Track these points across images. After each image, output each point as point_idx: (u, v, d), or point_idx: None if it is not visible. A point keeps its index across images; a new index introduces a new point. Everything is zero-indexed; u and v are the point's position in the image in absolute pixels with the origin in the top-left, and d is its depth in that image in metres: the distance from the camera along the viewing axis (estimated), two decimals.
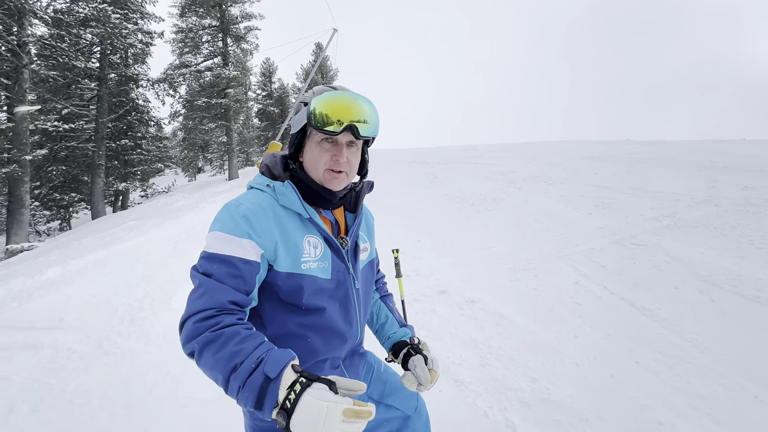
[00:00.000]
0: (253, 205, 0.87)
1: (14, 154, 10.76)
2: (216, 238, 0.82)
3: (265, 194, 0.92)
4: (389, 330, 1.21)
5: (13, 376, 2.53)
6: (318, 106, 0.87)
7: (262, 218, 0.85)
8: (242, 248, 0.80)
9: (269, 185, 0.93)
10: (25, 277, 4.44)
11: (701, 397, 2.08)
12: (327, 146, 0.91)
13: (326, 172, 0.92)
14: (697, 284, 3.25)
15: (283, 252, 0.86)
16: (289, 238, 0.88)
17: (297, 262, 0.87)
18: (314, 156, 0.92)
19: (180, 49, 16.55)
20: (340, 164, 0.91)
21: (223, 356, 0.67)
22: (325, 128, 0.86)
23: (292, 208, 0.90)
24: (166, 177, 24.72)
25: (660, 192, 5.83)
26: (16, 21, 11.00)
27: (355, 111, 0.88)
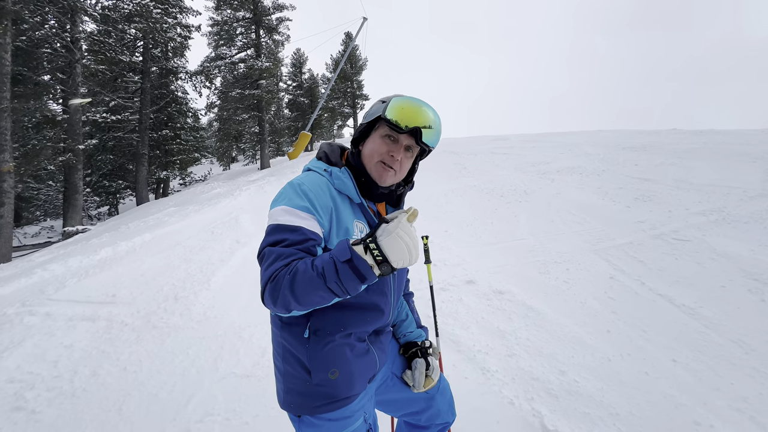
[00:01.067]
0: (313, 185, 0.93)
1: (69, 144, 11.64)
2: (283, 212, 0.87)
3: (323, 177, 0.98)
4: (407, 328, 1.31)
5: (75, 343, 2.81)
6: (397, 104, 0.97)
7: (322, 197, 0.92)
8: (307, 221, 0.86)
9: (326, 170, 1.00)
10: (82, 256, 4.86)
11: (744, 399, 1.98)
12: (388, 142, 0.99)
13: (378, 164, 0.99)
14: (745, 283, 3.05)
15: (335, 231, 0.92)
16: (341, 219, 0.94)
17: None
18: (374, 147, 1.00)
19: (215, 41, 17.08)
20: (394, 161, 0.98)
21: (310, 279, 0.73)
22: (396, 124, 0.95)
23: (346, 192, 0.98)
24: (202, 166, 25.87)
25: (708, 185, 5.45)
26: (69, 19, 11.78)
27: (425, 118, 0.97)
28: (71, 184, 11.86)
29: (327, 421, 0.96)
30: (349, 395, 0.97)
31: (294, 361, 0.96)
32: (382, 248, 0.71)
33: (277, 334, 1.00)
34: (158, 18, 14.49)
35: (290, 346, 0.96)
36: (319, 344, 0.94)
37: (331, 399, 0.95)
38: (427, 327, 1.36)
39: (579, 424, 1.87)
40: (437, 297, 3.29)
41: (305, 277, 0.74)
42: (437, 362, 1.24)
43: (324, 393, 0.94)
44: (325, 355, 0.93)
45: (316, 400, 0.95)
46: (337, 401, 0.95)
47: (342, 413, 0.97)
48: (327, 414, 0.96)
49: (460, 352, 2.54)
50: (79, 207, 11.94)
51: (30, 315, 3.17)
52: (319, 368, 0.93)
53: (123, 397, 2.25)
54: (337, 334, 0.95)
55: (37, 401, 2.23)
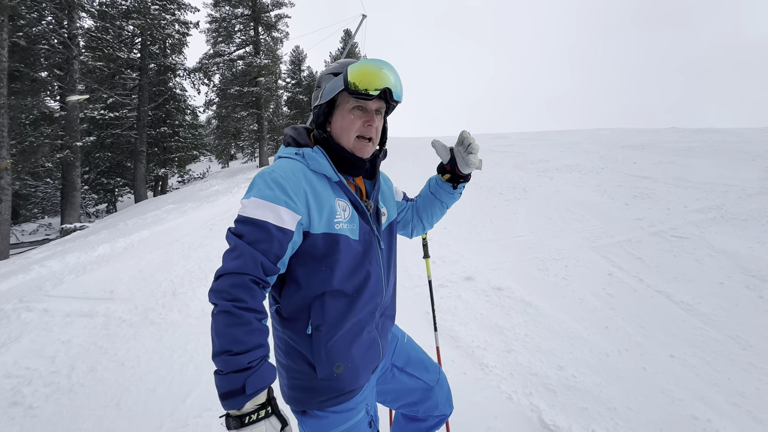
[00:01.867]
0: (285, 172, 0.90)
1: (67, 141, 11.60)
2: (252, 204, 0.85)
3: (295, 161, 0.95)
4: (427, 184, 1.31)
5: (73, 339, 2.80)
6: (356, 71, 0.92)
7: (294, 183, 0.88)
8: (278, 216, 0.84)
9: (298, 153, 0.96)
10: (80, 252, 4.85)
11: (741, 394, 1.98)
12: (358, 113, 0.96)
13: (357, 140, 0.97)
14: (744, 279, 3.06)
15: (317, 214, 0.89)
16: (322, 200, 0.91)
17: (331, 222, 0.91)
18: (346, 124, 0.96)
19: (214, 38, 16.99)
20: (372, 129, 0.96)
21: (229, 334, 0.75)
22: (363, 93, 0.91)
23: (323, 172, 0.94)
24: (201, 164, 25.82)
25: (707, 183, 5.46)
26: (66, 15, 11.71)
27: (389, 77, 0.94)
28: (69, 181, 11.82)
29: (331, 414, 0.95)
30: (354, 388, 0.97)
31: (297, 357, 0.95)
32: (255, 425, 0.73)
33: (279, 330, 0.98)
34: (156, 14, 14.42)
35: (293, 342, 0.95)
36: (322, 340, 0.92)
37: (337, 393, 0.94)
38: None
39: (577, 419, 1.87)
40: (436, 293, 3.28)
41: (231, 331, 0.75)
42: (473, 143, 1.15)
43: (329, 387, 0.94)
44: (329, 350, 0.92)
45: (321, 394, 0.94)
46: (342, 395, 0.95)
47: (346, 406, 0.96)
48: (332, 408, 0.95)
49: (458, 348, 2.54)
50: (77, 204, 11.90)
51: (27, 311, 3.16)
52: (324, 363, 0.92)
53: (121, 393, 2.25)
54: (340, 328, 0.94)
55: (35, 396, 2.22)
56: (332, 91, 0.96)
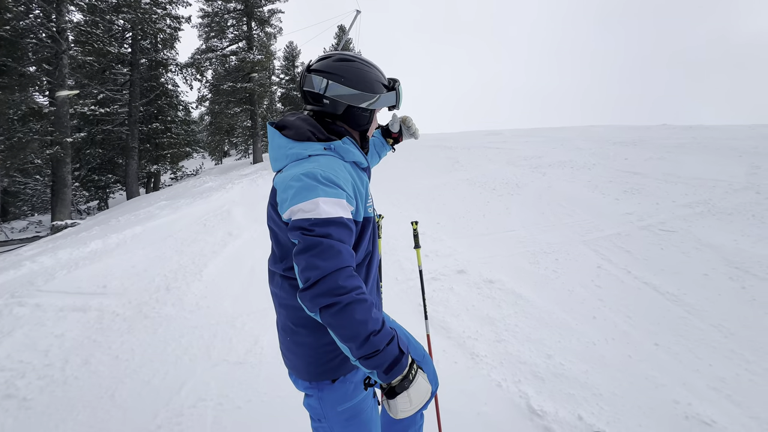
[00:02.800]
0: (334, 169, 0.93)
1: (56, 137, 11.43)
2: (323, 204, 0.85)
3: (335, 158, 0.99)
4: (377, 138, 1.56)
5: (66, 333, 2.80)
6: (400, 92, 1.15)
7: (345, 179, 0.94)
8: (344, 208, 0.88)
9: (327, 147, 1.00)
10: (71, 248, 4.81)
11: (722, 379, 2.05)
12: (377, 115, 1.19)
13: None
14: (727, 271, 3.14)
15: (360, 203, 0.99)
16: (360, 188, 1.01)
17: (366, 207, 1.03)
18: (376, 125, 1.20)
19: (206, 33, 16.82)
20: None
21: (369, 319, 0.79)
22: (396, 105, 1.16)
23: (357, 161, 1.06)
24: (194, 160, 25.57)
25: (695, 178, 5.56)
26: (54, 8, 11.50)
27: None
28: (59, 177, 11.66)
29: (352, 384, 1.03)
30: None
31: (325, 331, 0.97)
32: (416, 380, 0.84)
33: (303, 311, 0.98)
34: (147, 8, 14.22)
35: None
36: None
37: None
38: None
39: (564, 404, 1.93)
40: (429, 286, 3.33)
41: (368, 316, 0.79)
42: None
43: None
44: None
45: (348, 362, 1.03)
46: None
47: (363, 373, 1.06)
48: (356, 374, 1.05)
49: (450, 339, 2.59)
50: (68, 201, 11.76)
51: (19, 306, 3.14)
52: None
53: (115, 384, 2.26)
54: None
55: (29, 389, 2.23)
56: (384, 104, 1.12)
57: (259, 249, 4.41)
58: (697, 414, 1.83)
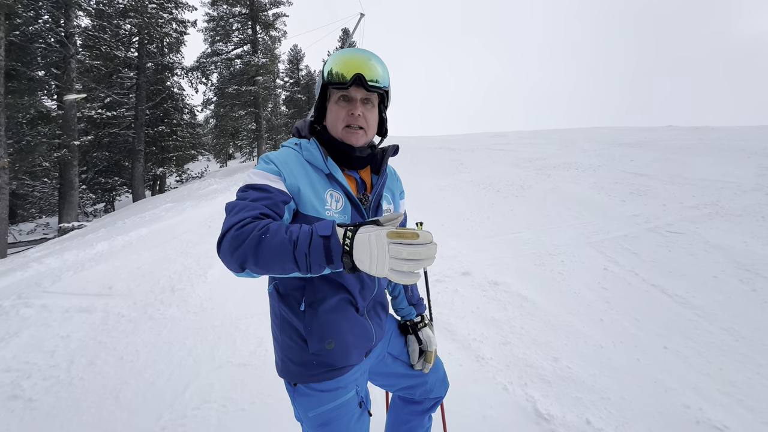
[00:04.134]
0: (282, 155, 0.97)
1: (64, 140, 11.57)
2: (252, 174, 0.92)
3: (293, 150, 1.00)
4: (398, 305, 1.33)
5: (72, 333, 2.82)
6: (331, 63, 0.97)
7: (289, 165, 0.94)
8: (276, 183, 0.90)
9: (297, 143, 1.02)
10: (78, 250, 4.85)
11: (733, 383, 2.01)
12: (343, 104, 0.98)
13: (344, 129, 0.99)
14: (737, 273, 3.09)
15: (307, 197, 0.92)
16: (315, 187, 0.94)
17: (321, 209, 0.94)
18: (333, 115, 1.00)
19: (212, 37, 16.97)
20: (356, 118, 0.97)
21: (280, 241, 0.73)
22: (337, 82, 0.95)
23: (315, 163, 0.97)
24: (199, 163, 25.75)
25: (703, 179, 5.50)
26: (63, 13, 11.67)
27: (363, 64, 0.95)
28: (67, 180, 11.79)
29: (319, 392, 0.98)
30: (345, 365, 0.99)
31: (291, 331, 0.99)
32: (353, 241, 0.71)
33: (276, 306, 1.02)
34: (153, 13, 14.39)
35: (288, 317, 0.99)
36: (314, 316, 0.96)
37: (327, 368, 0.97)
38: (423, 299, 1.37)
39: (571, 408, 1.90)
40: (434, 288, 3.31)
41: (275, 239, 0.72)
42: (430, 333, 1.26)
43: (320, 362, 0.97)
44: (320, 325, 0.96)
45: (312, 369, 0.97)
46: (334, 370, 0.98)
47: (336, 383, 0.99)
48: (321, 384, 0.98)
49: (455, 341, 2.57)
50: (75, 203, 11.88)
51: (26, 307, 3.16)
52: (315, 338, 0.95)
53: (120, 386, 2.26)
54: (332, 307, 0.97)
55: (34, 390, 2.23)
56: (319, 87, 1.02)
57: None
58: (708, 419, 1.79)
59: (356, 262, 0.70)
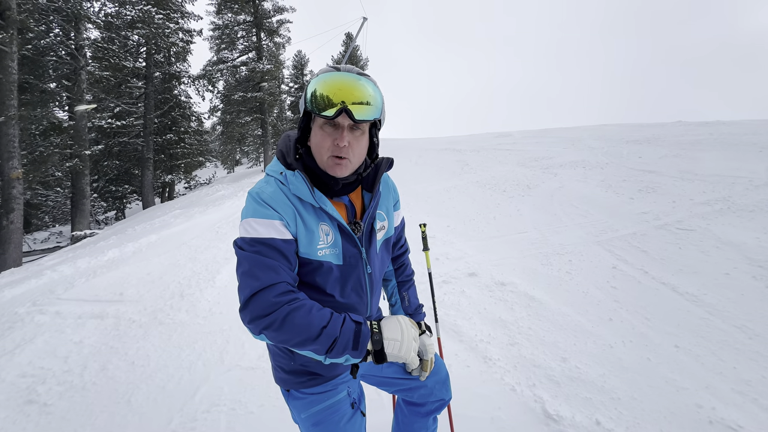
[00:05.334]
0: (273, 195, 0.90)
1: (76, 150, 11.81)
2: (253, 224, 0.86)
3: (280, 186, 0.92)
4: (396, 313, 1.32)
5: (85, 339, 2.87)
6: (316, 88, 0.85)
7: (283, 204, 0.89)
8: (278, 230, 0.86)
9: (282, 173, 0.93)
10: (90, 257, 4.94)
11: (747, 382, 1.97)
12: (329, 130, 0.87)
13: (330, 159, 0.89)
14: (750, 270, 3.03)
15: (303, 237, 0.90)
16: (306, 224, 0.90)
17: (314, 248, 0.90)
18: (318, 141, 0.90)
19: (217, 45, 17.20)
20: (341, 150, 0.87)
21: (313, 318, 0.78)
22: (321, 112, 0.84)
23: (303, 197, 0.90)
24: (207, 169, 26.09)
25: (713, 175, 5.41)
26: (73, 26, 11.95)
27: (352, 92, 0.84)
28: (78, 189, 12.03)
29: (309, 395, 1.02)
30: (331, 375, 1.03)
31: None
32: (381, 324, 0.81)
33: None
34: (160, 23, 14.65)
35: None
36: None
37: (311, 377, 1.01)
38: (422, 305, 1.35)
39: (580, 409, 1.88)
40: (440, 289, 3.30)
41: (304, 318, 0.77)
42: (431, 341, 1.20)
43: (305, 372, 1.01)
44: None
45: (300, 377, 1.01)
46: (318, 376, 1.02)
47: (324, 388, 1.03)
48: (311, 389, 1.02)
49: (462, 342, 2.56)
50: (87, 212, 12.10)
51: (40, 314, 3.23)
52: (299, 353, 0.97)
53: (132, 390, 2.30)
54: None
55: (49, 395, 2.28)
56: (302, 106, 0.92)
57: None
58: (722, 419, 1.76)
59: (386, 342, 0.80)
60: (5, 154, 8.44)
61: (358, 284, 0.99)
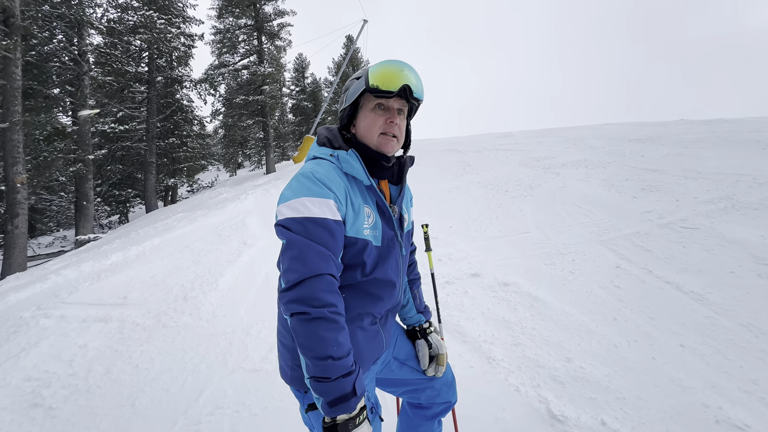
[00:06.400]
0: (327, 174, 0.92)
1: (79, 154, 11.89)
2: (306, 203, 0.86)
3: (330, 163, 0.96)
4: (407, 313, 1.32)
5: (89, 343, 2.88)
6: (376, 72, 0.96)
7: (337, 183, 0.91)
8: (331, 209, 0.86)
9: (333, 155, 0.98)
10: (94, 261, 4.97)
11: (754, 381, 1.95)
12: (380, 112, 0.99)
13: (381, 136, 0.99)
14: (755, 268, 3.01)
15: (351, 216, 0.92)
16: (354, 204, 0.94)
17: (360, 227, 0.93)
18: (369, 122, 0.99)
19: (219, 49, 17.31)
20: (394, 126, 0.98)
21: (330, 340, 0.77)
22: (384, 90, 0.95)
23: (356, 175, 0.96)
24: (209, 173, 26.19)
25: (717, 173, 5.38)
26: (76, 32, 12.06)
27: (409, 76, 0.97)
28: (82, 193, 12.10)
29: None
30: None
31: None
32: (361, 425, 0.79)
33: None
34: (162, 28, 14.75)
35: None
36: None
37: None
38: (428, 306, 1.37)
39: (585, 409, 1.87)
40: (443, 290, 3.30)
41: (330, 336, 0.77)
42: (438, 337, 1.27)
43: None
44: None
45: None
46: None
47: None
48: None
49: (465, 343, 2.55)
50: (91, 216, 12.17)
51: (45, 318, 3.25)
52: None
53: (136, 393, 2.31)
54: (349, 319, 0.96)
55: (54, 398, 2.29)
56: (356, 93, 1.00)
57: (273, 257, 4.46)
58: (729, 418, 1.74)
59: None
60: (10, 159, 8.52)
61: (395, 265, 1.04)
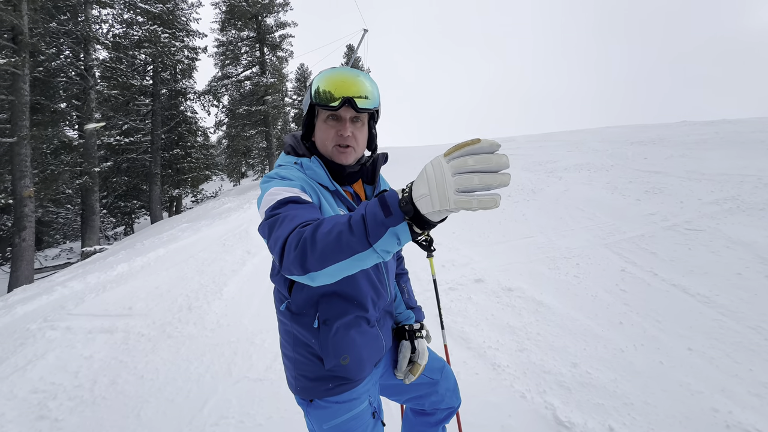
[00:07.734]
0: (290, 171, 0.93)
1: (85, 167, 12.06)
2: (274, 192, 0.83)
3: (298, 170, 0.97)
4: (396, 308, 1.26)
5: (95, 354, 2.90)
6: (319, 84, 0.94)
7: (303, 181, 0.91)
8: (300, 193, 0.85)
9: (297, 162, 0.98)
10: (99, 272, 5.01)
11: (765, 384, 1.92)
12: (332, 123, 0.97)
13: (334, 148, 0.97)
14: (763, 269, 2.97)
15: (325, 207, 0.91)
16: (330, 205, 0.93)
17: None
18: (322, 134, 0.98)
19: (221, 61, 17.60)
20: (345, 138, 0.95)
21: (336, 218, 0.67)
22: (326, 104, 0.93)
23: (320, 181, 0.95)
24: (213, 183, 26.38)
25: (721, 174, 5.34)
26: (82, 48, 12.32)
27: (353, 86, 0.93)
28: (88, 206, 12.24)
29: (335, 404, 0.99)
30: (359, 378, 1.00)
31: (305, 349, 0.99)
32: (411, 187, 0.62)
33: (287, 325, 1.02)
34: (166, 42, 15.04)
35: (301, 336, 1.00)
36: (329, 333, 0.96)
37: (342, 381, 0.98)
38: (421, 306, 1.32)
39: (592, 415, 1.85)
40: (446, 296, 3.29)
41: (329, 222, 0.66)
42: (425, 345, 1.21)
43: (335, 377, 0.98)
44: (336, 342, 0.96)
45: (327, 382, 0.98)
46: (348, 383, 0.99)
47: (350, 395, 1.00)
48: (336, 397, 0.99)
49: (470, 349, 2.53)
50: (97, 228, 12.29)
51: (51, 329, 3.27)
52: (331, 356, 0.96)
53: (141, 404, 2.31)
54: (346, 323, 0.97)
55: (60, 410, 2.30)
56: (307, 103, 1.00)
57: None
58: (739, 422, 1.71)
59: (416, 201, 0.59)
60: (18, 173, 8.65)
61: (375, 266, 1.02)
